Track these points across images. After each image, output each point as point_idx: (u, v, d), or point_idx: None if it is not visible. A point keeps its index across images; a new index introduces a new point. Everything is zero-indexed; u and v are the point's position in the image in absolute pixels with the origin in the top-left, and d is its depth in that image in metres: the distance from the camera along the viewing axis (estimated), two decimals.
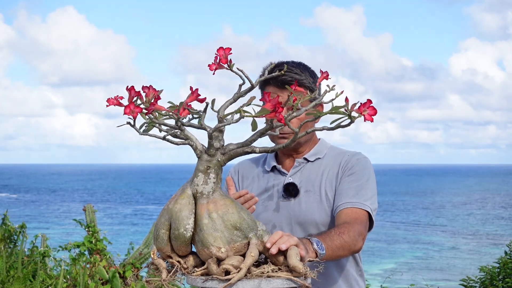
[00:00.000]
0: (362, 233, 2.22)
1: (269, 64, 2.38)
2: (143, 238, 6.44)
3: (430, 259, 24.05)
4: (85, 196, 62.40)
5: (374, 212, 2.32)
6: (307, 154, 2.47)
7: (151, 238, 6.42)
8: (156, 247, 1.85)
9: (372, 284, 6.37)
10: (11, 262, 5.21)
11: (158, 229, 1.83)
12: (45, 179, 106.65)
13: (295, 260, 1.75)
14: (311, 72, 2.42)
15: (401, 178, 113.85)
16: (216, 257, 1.76)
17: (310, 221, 2.36)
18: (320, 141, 2.53)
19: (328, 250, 2.05)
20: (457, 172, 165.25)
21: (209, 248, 1.77)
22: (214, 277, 1.73)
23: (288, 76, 2.33)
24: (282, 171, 2.48)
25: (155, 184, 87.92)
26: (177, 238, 1.80)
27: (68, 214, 40.34)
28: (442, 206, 50.19)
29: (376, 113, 1.70)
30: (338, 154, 2.47)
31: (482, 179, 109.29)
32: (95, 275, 5.41)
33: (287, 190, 2.41)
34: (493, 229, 34.60)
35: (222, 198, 1.83)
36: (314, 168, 2.45)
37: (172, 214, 1.81)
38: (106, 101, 1.73)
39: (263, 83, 2.39)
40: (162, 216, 1.84)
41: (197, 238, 1.79)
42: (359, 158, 2.42)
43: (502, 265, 5.94)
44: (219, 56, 1.76)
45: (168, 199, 1.87)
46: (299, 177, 2.44)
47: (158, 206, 49.92)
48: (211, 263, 1.75)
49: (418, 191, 69.54)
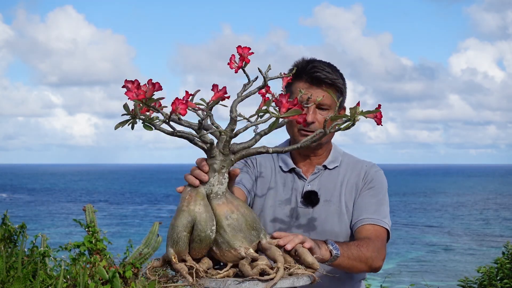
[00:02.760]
0: (382, 252, 2.18)
1: (300, 60, 2.32)
2: (143, 238, 6.44)
3: (430, 260, 24.05)
4: (85, 196, 62.36)
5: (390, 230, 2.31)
6: (326, 161, 2.39)
7: (151, 238, 6.42)
8: (175, 251, 1.76)
9: (372, 284, 6.37)
10: (11, 262, 5.22)
11: (178, 232, 1.75)
12: (45, 179, 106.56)
13: (311, 257, 1.78)
14: (340, 73, 2.35)
15: (401, 178, 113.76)
16: (252, 257, 1.75)
17: (329, 232, 2.28)
18: (334, 146, 2.46)
19: (343, 256, 2.02)
20: (457, 172, 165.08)
21: (237, 249, 1.75)
22: (254, 278, 1.69)
23: (321, 74, 2.25)
24: (301, 175, 2.38)
25: (155, 184, 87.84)
26: (202, 240, 1.74)
27: (68, 214, 40.33)
28: (442, 206, 50.16)
29: (382, 117, 1.74)
30: (354, 164, 2.41)
31: (483, 179, 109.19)
32: (95, 275, 5.41)
33: (308, 198, 2.33)
34: (492, 230, 34.58)
35: (235, 199, 1.83)
36: (333, 176, 2.37)
37: (196, 216, 1.75)
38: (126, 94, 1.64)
39: (293, 78, 2.26)
40: (182, 218, 1.76)
41: (221, 239, 1.76)
42: (377, 170, 2.38)
43: (499, 266, 5.95)
44: (244, 53, 1.75)
45: (168, 199, 1.85)
46: (317, 185, 2.36)
47: (158, 206, 49.90)
48: (245, 264, 1.73)
49: (418, 191, 69.47)
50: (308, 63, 2.29)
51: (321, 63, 2.30)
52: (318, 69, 2.25)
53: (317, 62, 2.30)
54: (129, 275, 5.71)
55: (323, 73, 2.25)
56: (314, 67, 2.25)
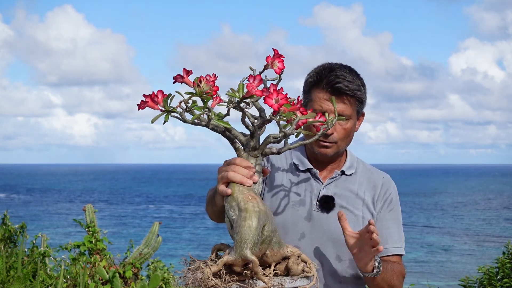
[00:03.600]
0: (401, 285, 2.22)
1: (321, 67, 2.23)
2: (142, 238, 6.44)
3: (430, 260, 24.04)
4: (84, 196, 62.36)
5: None
6: (344, 167, 2.32)
7: (151, 238, 6.42)
8: (254, 253, 1.68)
9: None
10: (11, 262, 5.21)
11: (258, 233, 1.70)
12: (44, 179, 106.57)
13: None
14: (361, 79, 2.25)
15: (401, 178, 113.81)
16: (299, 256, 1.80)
17: (342, 240, 2.15)
18: (349, 152, 2.38)
19: (380, 277, 2.07)
20: (457, 172, 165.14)
21: (284, 248, 1.78)
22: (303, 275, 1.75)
23: (342, 85, 2.16)
24: (317, 177, 2.29)
25: (154, 184, 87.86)
26: (271, 240, 1.75)
27: (68, 215, 40.32)
28: (442, 206, 50.17)
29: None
30: (370, 173, 2.35)
31: (483, 179, 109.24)
32: (95, 275, 5.41)
33: (325, 203, 2.25)
34: (493, 230, 34.58)
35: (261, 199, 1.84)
36: (349, 183, 2.30)
37: (268, 215, 1.74)
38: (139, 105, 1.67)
39: (312, 85, 2.20)
40: (256, 219, 1.71)
41: (275, 239, 1.76)
42: (394, 186, 2.36)
43: (500, 266, 5.96)
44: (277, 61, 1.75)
45: (168, 199, 1.84)
46: (333, 189, 2.28)
47: (158, 206, 49.91)
48: (296, 262, 1.76)
49: (418, 191, 69.47)
50: (330, 70, 2.19)
51: (343, 70, 2.20)
52: (339, 79, 2.17)
53: (338, 70, 2.20)
54: (129, 275, 5.71)
55: (344, 83, 2.16)
56: (336, 76, 2.17)
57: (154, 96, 1.66)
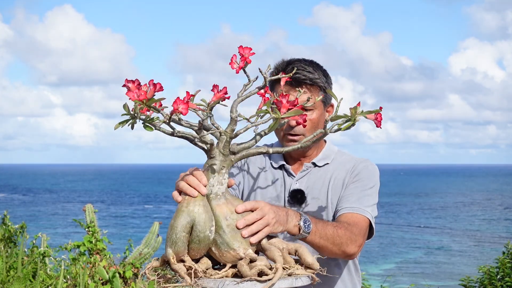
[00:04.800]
0: (358, 239, 2.10)
1: (280, 61, 2.28)
2: (142, 238, 6.44)
3: (430, 260, 24.05)
4: (84, 196, 62.37)
5: (373, 220, 2.23)
6: (315, 159, 2.36)
7: (150, 238, 6.42)
8: (174, 251, 1.75)
9: (372, 284, 6.38)
10: (11, 262, 5.21)
11: (177, 232, 1.74)
12: (44, 179, 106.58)
13: (311, 257, 1.78)
14: (323, 71, 2.30)
15: (401, 178, 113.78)
16: (250, 258, 1.75)
17: None
18: (327, 144, 2.42)
19: (315, 234, 1.97)
20: (457, 172, 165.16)
21: (236, 250, 1.75)
22: (252, 279, 1.69)
23: (301, 75, 2.21)
24: (290, 172, 2.35)
25: (154, 184, 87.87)
26: (201, 241, 1.74)
27: (67, 215, 40.33)
28: (442, 206, 50.18)
29: (382, 119, 1.73)
30: (346, 161, 2.36)
31: (483, 180, 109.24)
32: (95, 275, 5.41)
33: (294, 197, 2.30)
34: (493, 230, 34.59)
35: (234, 199, 1.82)
36: (322, 174, 2.34)
37: (195, 216, 1.74)
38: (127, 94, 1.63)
39: (273, 81, 2.22)
40: (180, 218, 1.75)
41: (220, 240, 1.75)
42: (367, 165, 2.32)
43: (500, 265, 5.96)
44: (245, 53, 1.74)
45: (168, 199, 1.85)
46: (305, 182, 2.33)
47: (158, 206, 49.90)
48: (244, 264, 1.72)
49: (418, 192, 69.50)
50: (287, 64, 2.25)
51: (302, 62, 2.26)
52: (298, 70, 2.21)
53: (297, 62, 2.25)
54: (129, 275, 5.71)
55: (303, 73, 2.21)
56: (293, 68, 2.18)
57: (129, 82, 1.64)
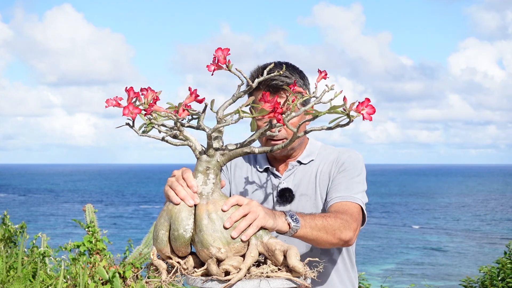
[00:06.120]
0: (352, 224, 2.11)
1: (256, 68, 2.30)
2: (142, 238, 6.44)
3: (430, 260, 24.06)
4: (84, 196, 62.40)
5: (365, 206, 2.24)
6: (300, 157, 2.40)
7: (151, 238, 6.42)
8: (156, 248, 1.84)
9: (372, 284, 6.37)
10: (11, 262, 5.21)
11: (157, 230, 1.83)
12: (44, 179, 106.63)
13: (294, 260, 1.75)
14: (299, 73, 2.32)
15: (401, 178, 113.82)
16: (216, 257, 1.76)
17: None
18: (310, 141, 2.45)
19: (306, 227, 1.96)
20: (458, 172, 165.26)
21: (209, 248, 1.77)
22: (214, 278, 1.72)
23: (279, 81, 2.23)
24: (275, 174, 2.39)
25: (154, 184, 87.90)
26: (176, 239, 1.80)
27: (68, 215, 40.35)
28: (442, 207, 50.19)
29: (374, 112, 1.68)
30: (330, 154, 2.39)
31: (483, 180, 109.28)
32: (95, 275, 5.41)
33: (282, 196, 2.33)
34: (493, 231, 34.61)
35: (222, 199, 1.83)
36: (308, 170, 2.37)
37: (172, 215, 1.81)
38: (105, 102, 1.73)
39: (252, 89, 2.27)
40: (161, 217, 1.83)
41: (197, 239, 1.79)
42: (350, 155, 2.35)
43: (501, 266, 5.95)
44: (217, 57, 1.75)
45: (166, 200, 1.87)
46: (292, 181, 2.36)
47: (157, 206, 49.91)
48: (210, 263, 1.74)
49: (418, 192, 69.53)
50: (263, 69, 2.24)
51: (277, 67, 2.27)
52: (274, 76, 2.15)
53: (272, 68, 2.21)
54: (129, 275, 5.70)
55: (280, 79, 2.23)
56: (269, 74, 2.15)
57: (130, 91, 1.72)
